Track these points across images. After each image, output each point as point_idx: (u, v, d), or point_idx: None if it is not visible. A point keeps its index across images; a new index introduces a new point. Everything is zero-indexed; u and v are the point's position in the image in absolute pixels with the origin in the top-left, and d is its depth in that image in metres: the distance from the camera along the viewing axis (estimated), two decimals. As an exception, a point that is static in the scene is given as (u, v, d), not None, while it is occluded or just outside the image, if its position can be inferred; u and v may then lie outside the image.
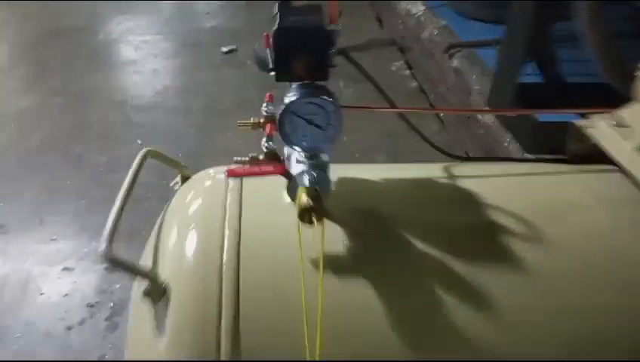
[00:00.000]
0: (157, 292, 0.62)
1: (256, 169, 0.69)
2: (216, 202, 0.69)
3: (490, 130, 2.44)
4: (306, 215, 0.61)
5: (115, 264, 0.60)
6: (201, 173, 0.78)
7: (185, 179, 0.80)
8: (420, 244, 0.65)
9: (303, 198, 0.62)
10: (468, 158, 0.81)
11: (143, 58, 3.10)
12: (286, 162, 0.70)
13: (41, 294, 1.69)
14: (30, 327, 1.58)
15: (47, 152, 2.31)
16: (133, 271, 0.63)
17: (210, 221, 0.67)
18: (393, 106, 0.73)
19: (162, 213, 0.74)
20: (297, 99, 0.63)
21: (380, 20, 3.40)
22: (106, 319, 1.60)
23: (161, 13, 3.67)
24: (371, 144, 2.24)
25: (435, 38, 2.98)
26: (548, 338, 0.62)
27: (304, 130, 0.64)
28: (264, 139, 0.73)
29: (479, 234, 0.69)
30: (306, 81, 0.64)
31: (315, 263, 0.62)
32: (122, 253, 0.60)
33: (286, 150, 0.70)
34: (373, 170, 0.81)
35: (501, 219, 0.68)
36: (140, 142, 2.33)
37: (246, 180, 0.71)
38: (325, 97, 0.63)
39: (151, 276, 0.63)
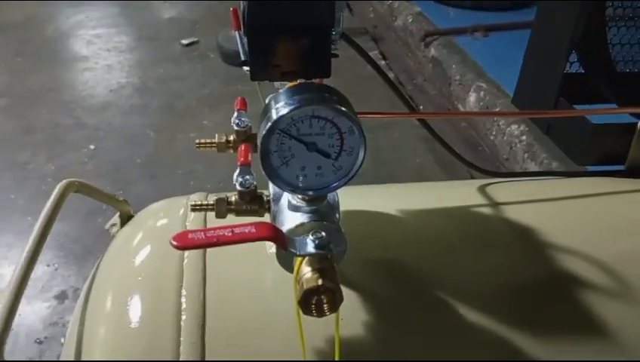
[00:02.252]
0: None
1: (220, 233, 0.36)
2: (170, 253, 0.48)
3: (473, 121, 2.31)
4: (311, 301, 0.39)
5: None
6: (148, 210, 0.57)
7: (125, 219, 0.58)
8: (474, 315, 0.46)
9: (307, 274, 0.39)
10: (501, 174, 0.63)
11: (94, 53, 2.88)
12: (272, 207, 0.46)
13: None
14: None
15: (-12, 161, 2.07)
16: None
17: (161, 281, 0.47)
18: (413, 111, 0.55)
19: (93, 269, 0.53)
20: (290, 110, 0.40)
21: (349, 7, 3.25)
22: None
23: (115, 3, 3.44)
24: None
25: (410, 25, 2.85)
26: None
27: (301, 160, 0.42)
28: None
29: (551, 291, 0.50)
30: (299, 80, 0.42)
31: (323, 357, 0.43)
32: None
33: (271, 188, 0.47)
34: (382, 195, 0.61)
35: (575, 268, 0.50)
36: (92, 147, 2.13)
37: (213, 215, 0.46)
38: (337, 106, 0.40)
39: None
